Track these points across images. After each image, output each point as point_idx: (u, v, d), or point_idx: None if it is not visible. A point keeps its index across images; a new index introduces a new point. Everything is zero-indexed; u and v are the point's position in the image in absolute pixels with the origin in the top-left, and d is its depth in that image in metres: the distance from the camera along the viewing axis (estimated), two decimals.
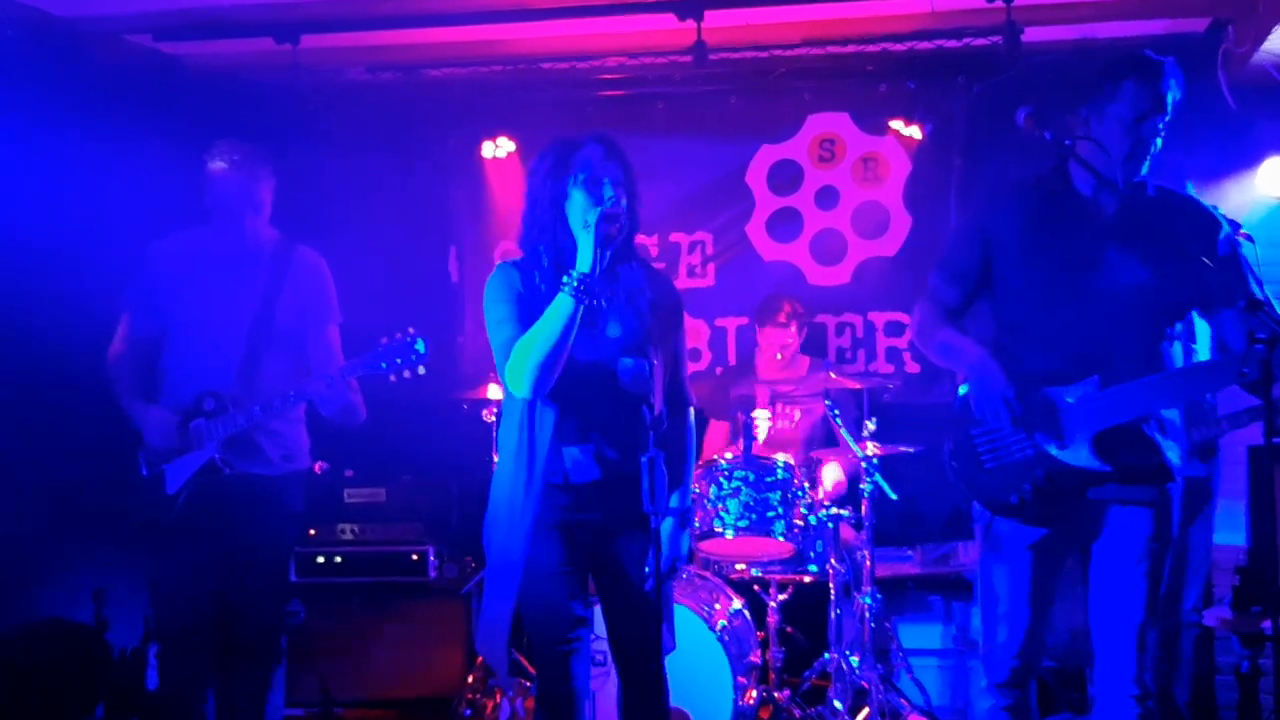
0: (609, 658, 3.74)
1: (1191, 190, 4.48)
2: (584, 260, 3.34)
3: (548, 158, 3.52)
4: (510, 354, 3.41)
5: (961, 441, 3.61)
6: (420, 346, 4.09)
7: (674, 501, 3.68)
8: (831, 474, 5.72)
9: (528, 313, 3.44)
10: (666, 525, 3.63)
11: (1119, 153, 3.43)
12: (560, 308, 3.34)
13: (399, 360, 4.09)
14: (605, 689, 4.69)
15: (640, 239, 3.83)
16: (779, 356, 6.06)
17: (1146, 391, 3.38)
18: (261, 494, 4.33)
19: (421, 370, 4.12)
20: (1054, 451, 3.45)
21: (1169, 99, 3.42)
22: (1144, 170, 3.48)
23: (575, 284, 3.32)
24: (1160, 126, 3.43)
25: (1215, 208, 3.55)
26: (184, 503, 4.25)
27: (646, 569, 3.48)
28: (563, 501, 3.52)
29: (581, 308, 3.33)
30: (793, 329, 6.06)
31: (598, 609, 3.74)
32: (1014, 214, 3.62)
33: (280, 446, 4.39)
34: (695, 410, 3.86)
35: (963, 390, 3.62)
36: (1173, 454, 3.49)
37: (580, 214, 3.43)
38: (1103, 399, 3.39)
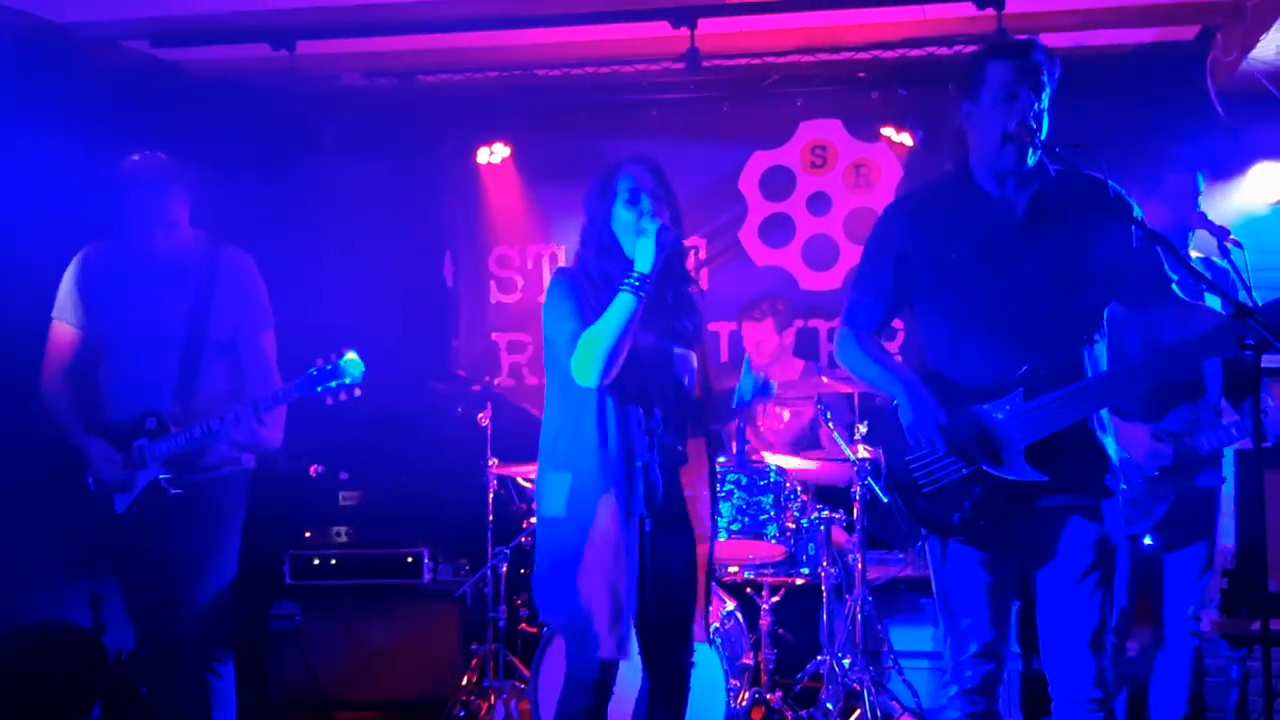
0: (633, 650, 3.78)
1: (1201, 183, 4.48)
2: (644, 261, 3.56)
3: (596, 181, 3.79)
4: (577, 346, 3.59)
5: (897, 469, 3.52)
6: (354, 369, 4.10)
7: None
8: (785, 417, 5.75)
9: (589, 312, 3.63)
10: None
11: (999, 137, 3.32)
12: (622, 303, 3.54)
13: (334, 384, 4.10)
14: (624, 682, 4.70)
15: None
16: (755, 350, 6.10)
17: (1073, 399, 3.31)
18: (202, 495, 4.25)
19: (358, 391, 4.12)
20: (990, 468, 3.37)
21: (1041, 76, 3.32)
22: (1032, 158, 3.35)
23: (635, 282, 3.55)
24: (1037, 105, 3.31)
25: (1126, 191, 3.44)
26: (132, 522, 4.20)
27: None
28: (636, 488, 3.63)
29: (641, 304, 3.54)
30: (768, 324, 6.07)
31: None
32: (924, 221, 3.51)
33: (224, 451, 4.31)
34: None
35: (895, 403, 3.52)
36: (1112, 450, 3.42)
37: (624, 228, 3.69)
38: (1030, 411, 3.32)
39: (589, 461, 3.62)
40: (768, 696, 5.27)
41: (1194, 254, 4.50)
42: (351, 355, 4.12)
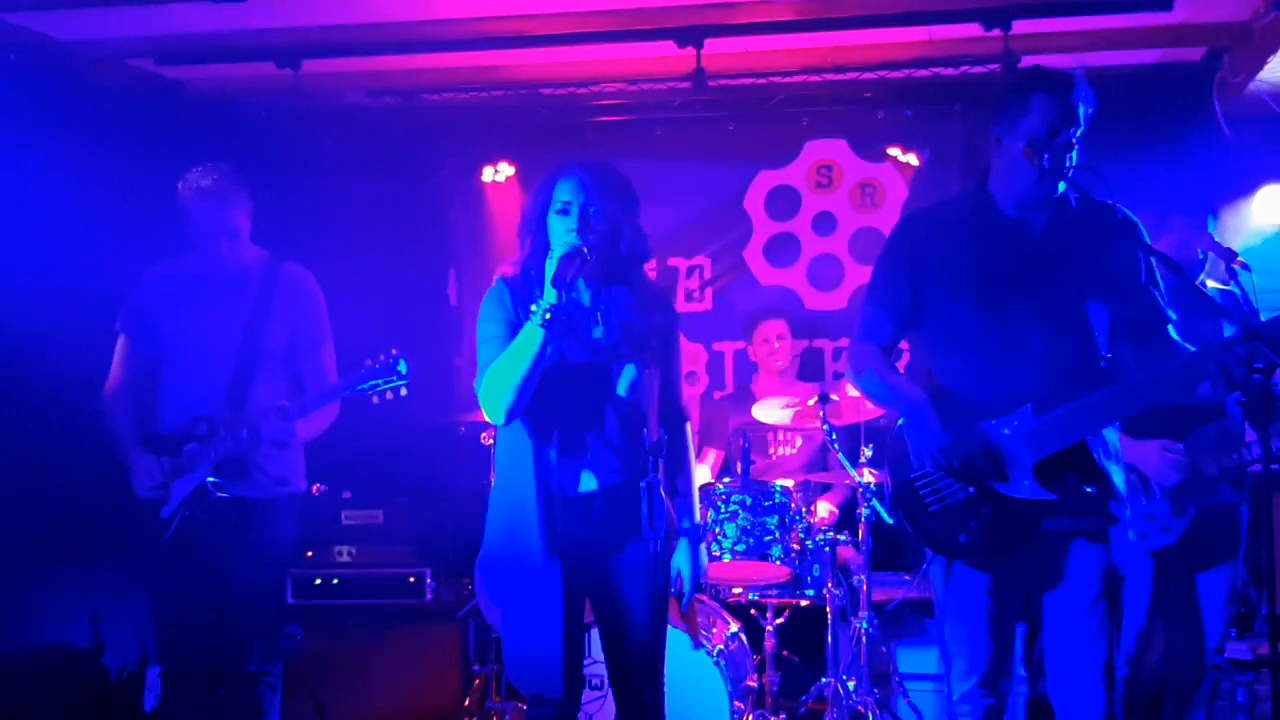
0: (605, 681, 3.73)
1: (1213, 227, 4.47)
2: (548, 293, 3.34)
3: (538, 183, 3.55)
4: (483, 380, 3.44)
5: (902, 487, 3.49)
6: (402, 367, 4.13)
7: (685, 522, 3.67)
8: (823, 508, 5.75)
9: (515, 333, 3.44)
10: (683, 546, 3.63)
11: (1034, 169, 3.32)
12: (528, 337, 3.35)
13: (382, 382, 4.13)
14: (601, 713, 4.69)
15: None
16: (776, 345, 6.10)
17: (1082, 415, 3.29)
18: (253, 517, 4.31)
19: (404, 391, 4.15)
20: (996, 486, 3.36)
21: (1080, 111, 3.32)
22: (1062, 187, 3.38)
23: (541, 314, 3.33)
24: (1074, 140, 3.33)
25: (1138, 221, 3.46)
26: (178, 526, 4.24)
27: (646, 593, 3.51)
28: (564, 517, 3.47)
29: (548, 337, 3.34)
30: (782, 323, 6.10)
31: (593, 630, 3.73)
32: (939, 238, 3.51)
33: (274, 469, 4.36)
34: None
35: (900, 423, 3.52)
36: (1117, 477, 3.41)
37: (556, 237, 3.46)
38: (1039, 427, 3.31)
39: (525, 492, 3.46)
40: (772, 719, 5.23)
41: (1210, 284, 4.47)
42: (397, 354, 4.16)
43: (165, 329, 4.41)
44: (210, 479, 4.23)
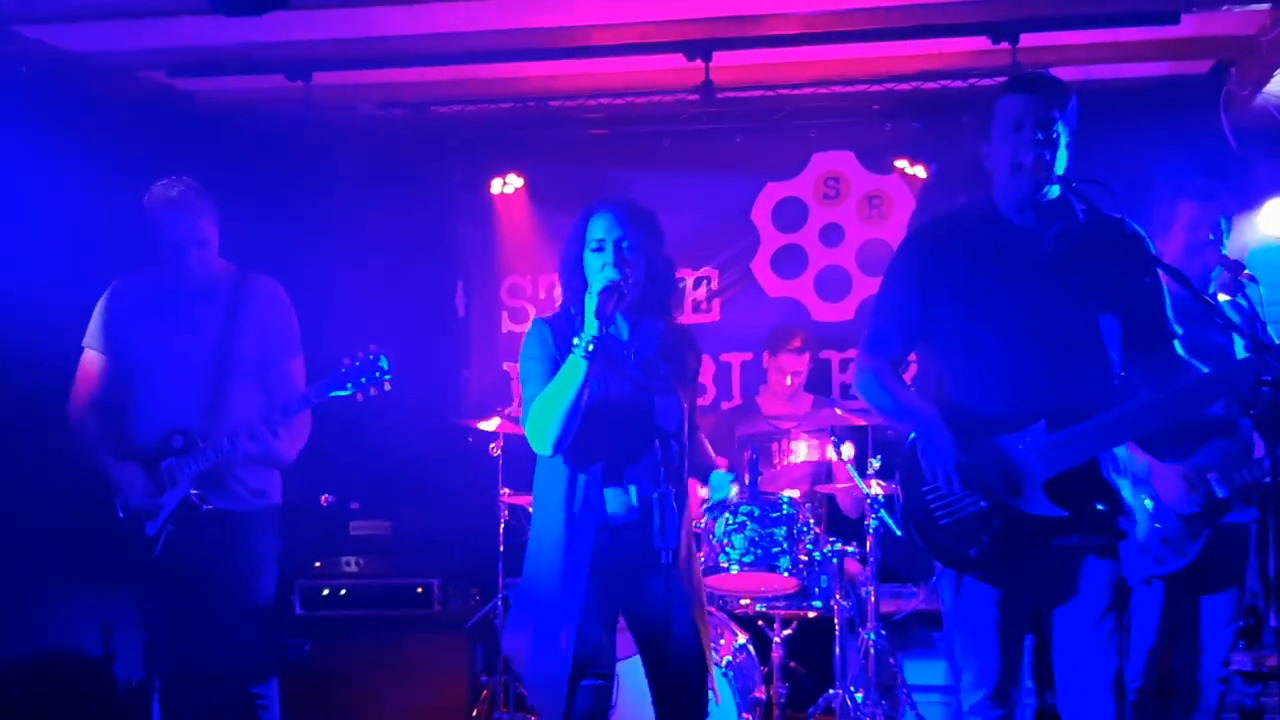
0: (615, 698, 3.74)
1: (1225, 228, 4.46)
2: (589, 325, 3.48)
3: (573, 223, 3.68)
4: (529, 413, 3.54)
5: (914, 500, 3.48)
6: (384, 363, 4.09)
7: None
8: (847, 451, 5.67)
9: (557, 369, 3.55)
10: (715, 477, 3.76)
11: (1006, 166, 3.35)
12: (571, 369, 3.47)
13: (364, 379, 4.09)
14: None
15: None
16: (788, 382, 6.08)
17: (1096, 433, 3.30)
18: (234, 530, 4.25)
19: (388, 387, 4.11)
20: (1009, 501, 3.35)
21: (1051, 108, 3.34)
22: (1052, 191, 3.38)
23: (584, 346, 3.46)
24: (1044, 136, 3.32)
25: (1146, 234, 3.45)
26: (164, 543, 4.19)
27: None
28: (604, 541, 3.56)
29: (591, 367, 3.45)
30: (806, 358, 6.09)
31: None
32: (947, 249, 3.51)
33: (253, 481, 4.31)
34: None
35: (912, 436, 3.51)
36: (1125, 491, 3.41)
37: (594, 274, 3.58)
38: (1053, 444, 3.31)
39: (556, 517, 3.57)
40: None
41: (1222, 296, 4.46)
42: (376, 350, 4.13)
43: (135, 343, 4.33)
44: (193, 491, 4.17)
